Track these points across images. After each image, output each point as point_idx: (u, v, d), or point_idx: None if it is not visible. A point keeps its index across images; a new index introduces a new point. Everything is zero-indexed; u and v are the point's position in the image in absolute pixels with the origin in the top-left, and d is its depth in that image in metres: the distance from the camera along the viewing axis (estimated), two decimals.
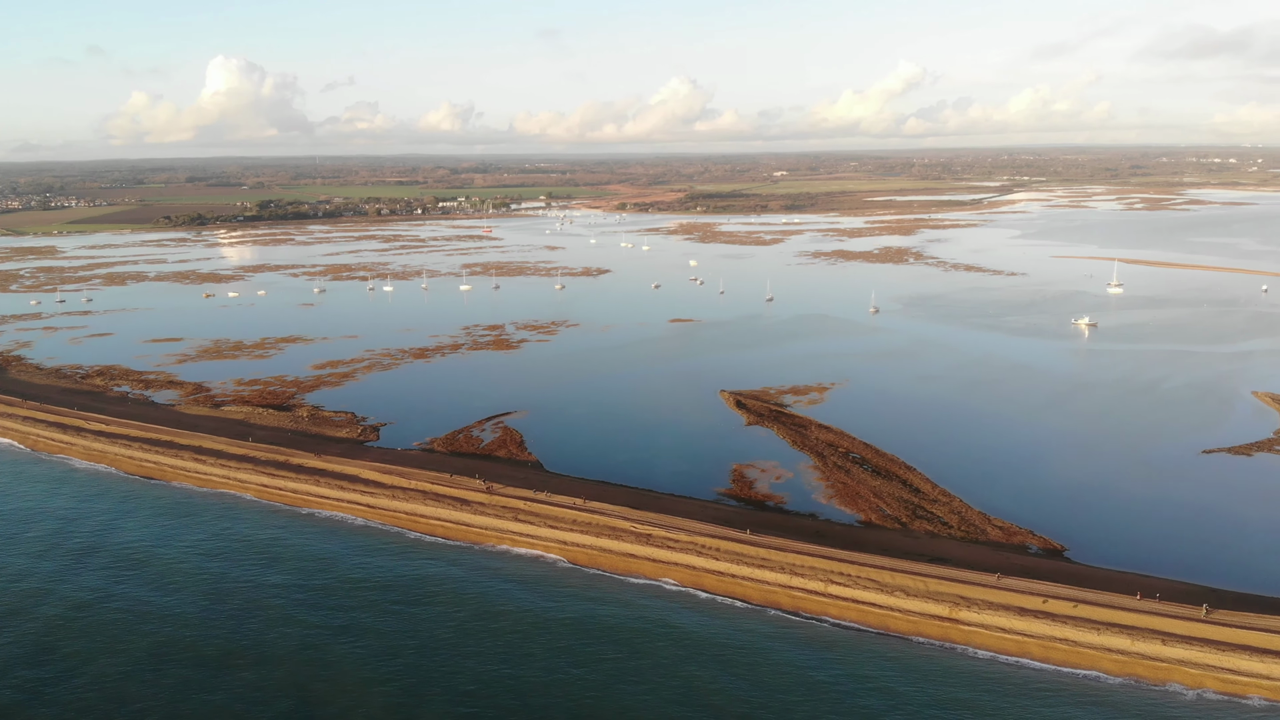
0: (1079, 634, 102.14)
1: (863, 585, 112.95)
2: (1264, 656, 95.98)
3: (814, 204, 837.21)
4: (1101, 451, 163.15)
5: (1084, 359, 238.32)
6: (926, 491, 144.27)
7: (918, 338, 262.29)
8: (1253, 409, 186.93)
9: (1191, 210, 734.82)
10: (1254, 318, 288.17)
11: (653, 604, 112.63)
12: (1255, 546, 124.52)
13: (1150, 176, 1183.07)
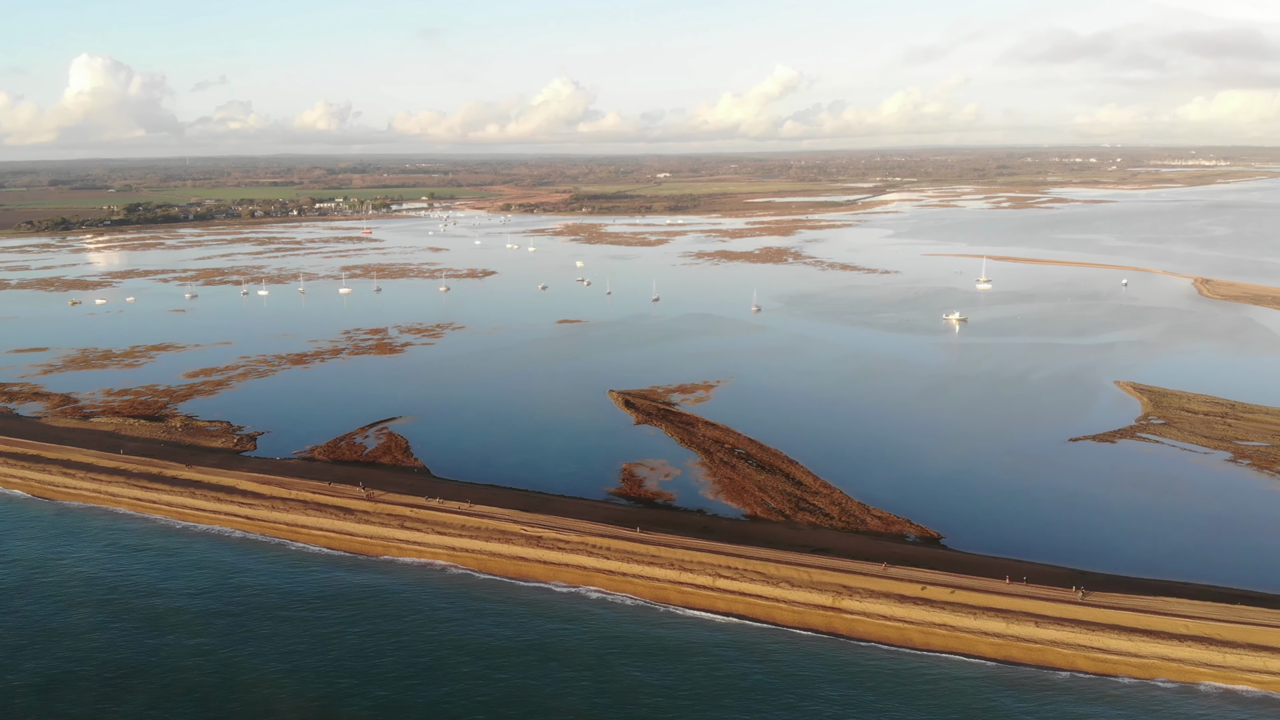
0: (957, 619, 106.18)
1: (749, 578, 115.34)
2: (1132, 635, 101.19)
3: (697, 205, 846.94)
4: (973, 441, 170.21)
5: (955, 353, 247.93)
6: (809, 484, 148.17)
7: (798, 335, 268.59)
8: (1115, 398, 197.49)
9: (1055, 208, 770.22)
10: (1115, 311, 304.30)
11: (542, 606, 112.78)
12: (1120, 530, 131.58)
13: (1016, 176, 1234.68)
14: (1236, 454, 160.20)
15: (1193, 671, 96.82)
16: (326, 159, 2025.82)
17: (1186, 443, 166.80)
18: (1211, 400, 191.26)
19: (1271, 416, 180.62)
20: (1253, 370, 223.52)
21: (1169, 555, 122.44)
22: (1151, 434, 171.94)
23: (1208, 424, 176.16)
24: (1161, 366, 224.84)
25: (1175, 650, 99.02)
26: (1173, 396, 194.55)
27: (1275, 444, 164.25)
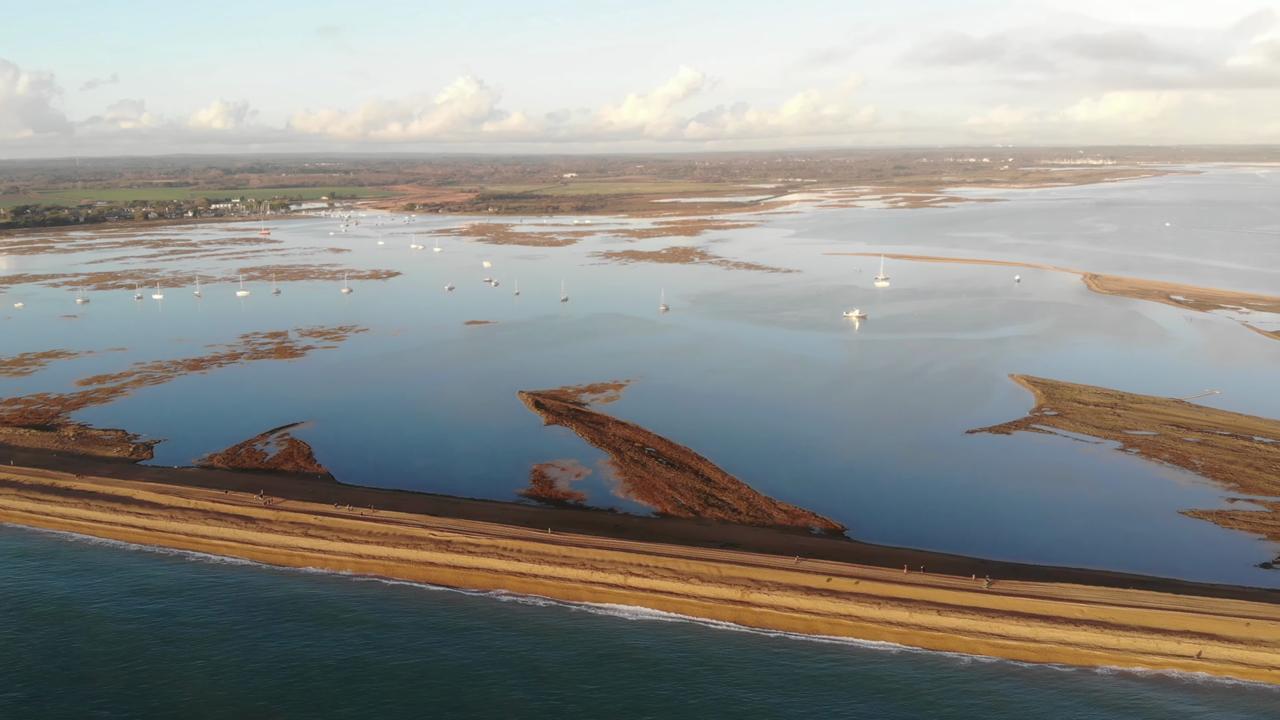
0: (862, 609, 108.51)
1: (660, 575, 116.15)
2: (1030, 621, 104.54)
3: (604, 205, 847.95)
4: (875, 434, 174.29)
5: (856, 349, 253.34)
6: (717, 480, 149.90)
7: (705, 334, 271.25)
8: (1010, 391, 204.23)
9: (950, 208, 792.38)
10: (1008, 306, 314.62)
11: (453, 610, 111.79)
12: (1017, 518, 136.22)
13: (912, 176, 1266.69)
14: (1126, 443, 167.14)
15: (1088, 655, 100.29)
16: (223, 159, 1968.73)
17: (1078, 433, 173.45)
18: (1101, 391, 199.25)
19: (1158, 406, 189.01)
20: (1140, 362, 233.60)
21: (1064, 542, 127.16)
22: (1045, 425, 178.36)
23: (1098, 414, 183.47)
24: (1053, 359, 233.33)
25: (1071, 634, 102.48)
26: (1064, 388, 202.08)
27: (1162, 433, 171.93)
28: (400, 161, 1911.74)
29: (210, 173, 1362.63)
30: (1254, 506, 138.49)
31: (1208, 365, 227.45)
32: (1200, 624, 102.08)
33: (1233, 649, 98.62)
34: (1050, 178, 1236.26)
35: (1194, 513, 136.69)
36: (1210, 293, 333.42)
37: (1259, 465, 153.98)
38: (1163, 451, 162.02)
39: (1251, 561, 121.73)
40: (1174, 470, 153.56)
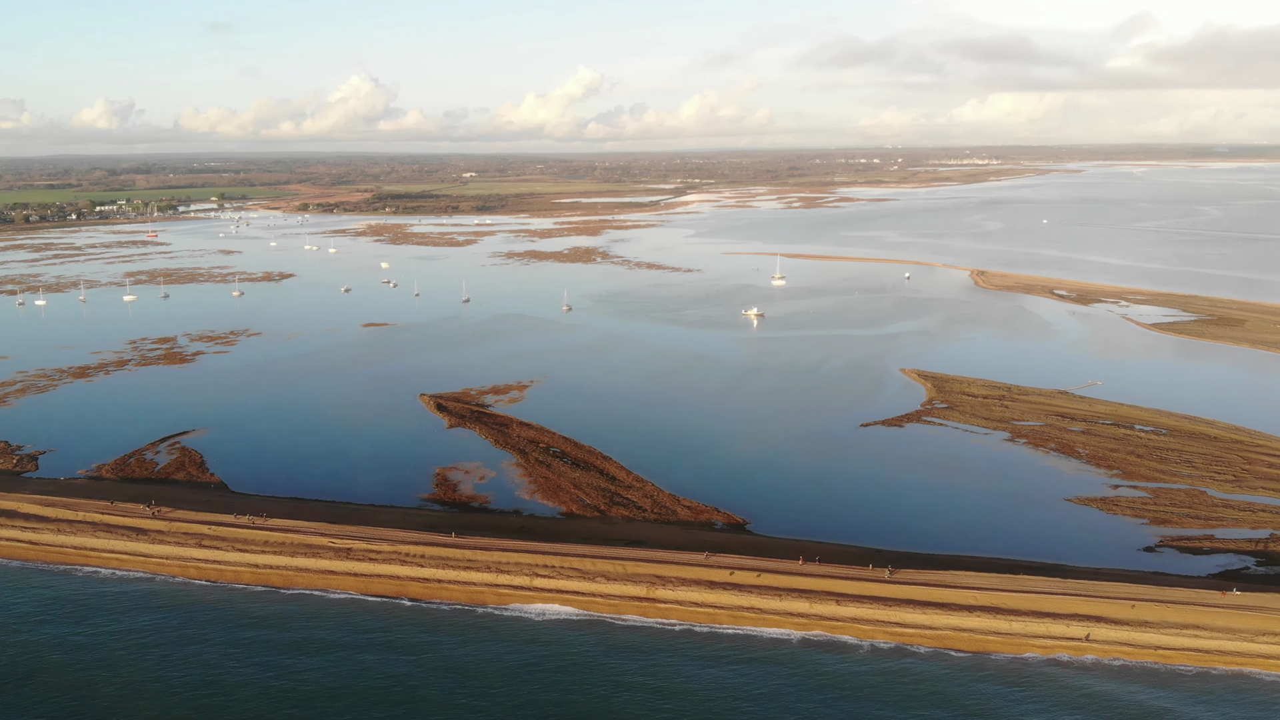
0: (764, 601, 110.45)
1: (566, 575, 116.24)
2: (926, 609, 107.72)
3: (505, 205, 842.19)
4: (774, 429, 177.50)
5: (754, 346, 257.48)
6: (622, 479, 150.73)
7: (608, 333, 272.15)
8: (902, 384, 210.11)
9: (842, 207, 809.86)
10: (899, 302, 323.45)
11: (354, 617, 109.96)
12: (912, 508, 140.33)
13: (806, 177, 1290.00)
14: (1014, 433, 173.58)
15: (982, 640, 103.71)
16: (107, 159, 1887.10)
17: (968, 424, 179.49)
18: (989, 384, 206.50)
19: (1044, 397, 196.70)
20: (1026, 355, 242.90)
21: (957, 531, 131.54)
22: (936, 417, 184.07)
23: (986, 406, 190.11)
24: (943, 354, 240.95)
25: (966, 621, 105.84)
26: (954, 381, 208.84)
27: (1048, 423, 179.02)
28: (293, 161, 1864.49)
29: (95, 174, 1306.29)
30: (1136, 493, 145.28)
31: (1090, 357, 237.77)
32: (1088, 607, 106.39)
33: (1119, 630, 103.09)
34: (938, 178, 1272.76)
35: (1079, 500, 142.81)
36: (1091, 287, 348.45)
37: (1140, 453, 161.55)
38: (1049, 441, 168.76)
39: (1135, 546, 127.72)
40: (1060, 459, 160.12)
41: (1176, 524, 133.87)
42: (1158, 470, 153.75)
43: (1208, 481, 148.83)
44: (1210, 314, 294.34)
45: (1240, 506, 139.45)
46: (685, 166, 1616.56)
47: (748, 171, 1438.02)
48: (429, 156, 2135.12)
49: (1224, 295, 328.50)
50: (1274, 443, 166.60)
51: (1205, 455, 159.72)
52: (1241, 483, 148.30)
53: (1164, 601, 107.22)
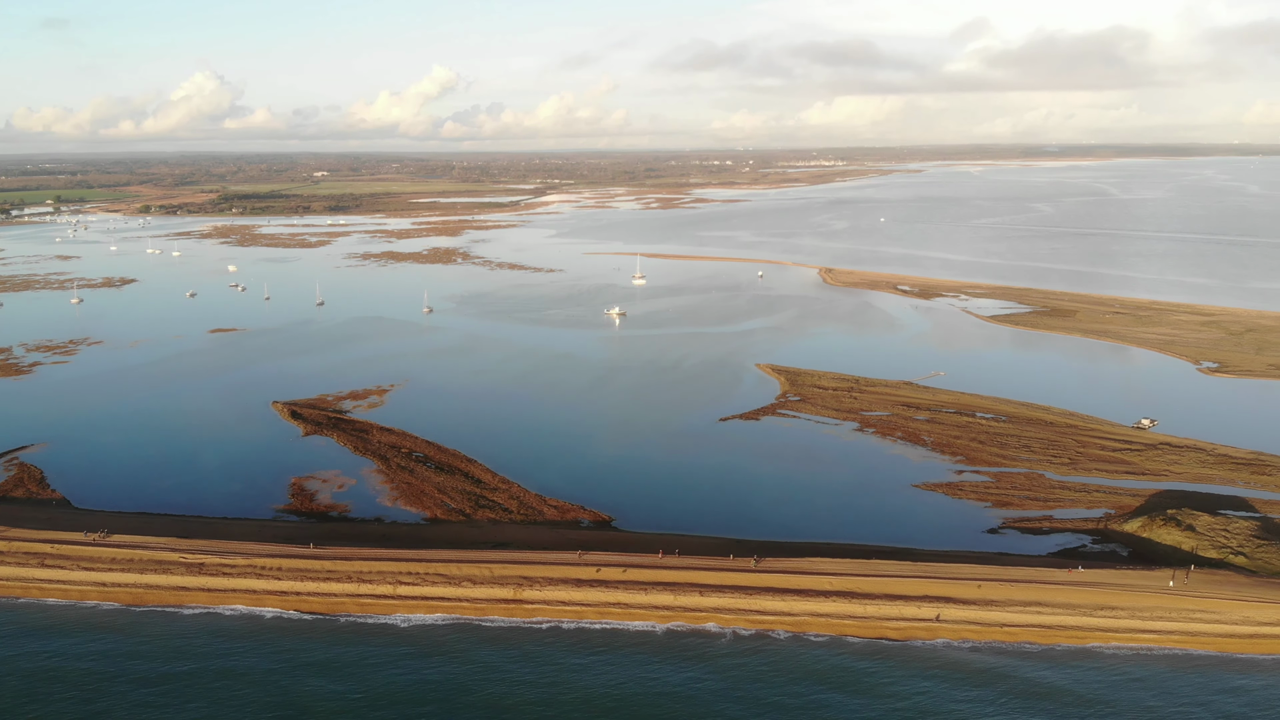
0: (630, 596, 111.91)
1: (431, 581, 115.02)
2: (785, 596, 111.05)
3: (359, 205, 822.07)
4: (637, 426, 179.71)
5: (617, 345, 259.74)
6: (487, 481, 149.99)
7: (470, 334, 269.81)
8: (757, 379, 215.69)
9: (698, 208, 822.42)
10: (754, 300, 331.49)
11: (210, 632, 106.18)
12: (770, 499, 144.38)
13: (663, 178, 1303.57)
14: (862, 424, 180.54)
15: (839, 624, 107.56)
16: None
17: (820, 416, 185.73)
18: (839, 377, 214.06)
19: (890, 388, 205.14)
20: (872, 348, 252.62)
21: (812, 519, 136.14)
22: (790, 410, 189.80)
23: (837, 398, 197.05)
24: (796, 349, 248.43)
25: (823, 606, 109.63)
26: (806, 375, 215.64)
27: (895, 413, 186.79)
28: (134, 161, 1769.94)
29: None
30: (979, 477, 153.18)
31: (932, 349, 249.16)
32: (938, 589, 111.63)
33: (968, 610, 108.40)
34: (788, 179, 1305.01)
35: (926, 485, 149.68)
36: (933, 282, 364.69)
37: (981, 439, 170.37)
38: (896, 430, 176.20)
39: (980, 528, 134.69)
40: (907, 447, 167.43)
41: (1018, 506, 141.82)
42: (998, 455, 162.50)
43: (1045, 465, 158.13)
44: (1044, 305, 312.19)
45: (1076, 488, 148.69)
46: (545, 167, 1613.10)
47: (606, 172, 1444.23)
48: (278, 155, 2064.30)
49: (1056, 287, 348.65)
50: (1106, 426, 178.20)
51: (1042, 440, 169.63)
52: (1076, 465, 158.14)
53: (1008, 581, 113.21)
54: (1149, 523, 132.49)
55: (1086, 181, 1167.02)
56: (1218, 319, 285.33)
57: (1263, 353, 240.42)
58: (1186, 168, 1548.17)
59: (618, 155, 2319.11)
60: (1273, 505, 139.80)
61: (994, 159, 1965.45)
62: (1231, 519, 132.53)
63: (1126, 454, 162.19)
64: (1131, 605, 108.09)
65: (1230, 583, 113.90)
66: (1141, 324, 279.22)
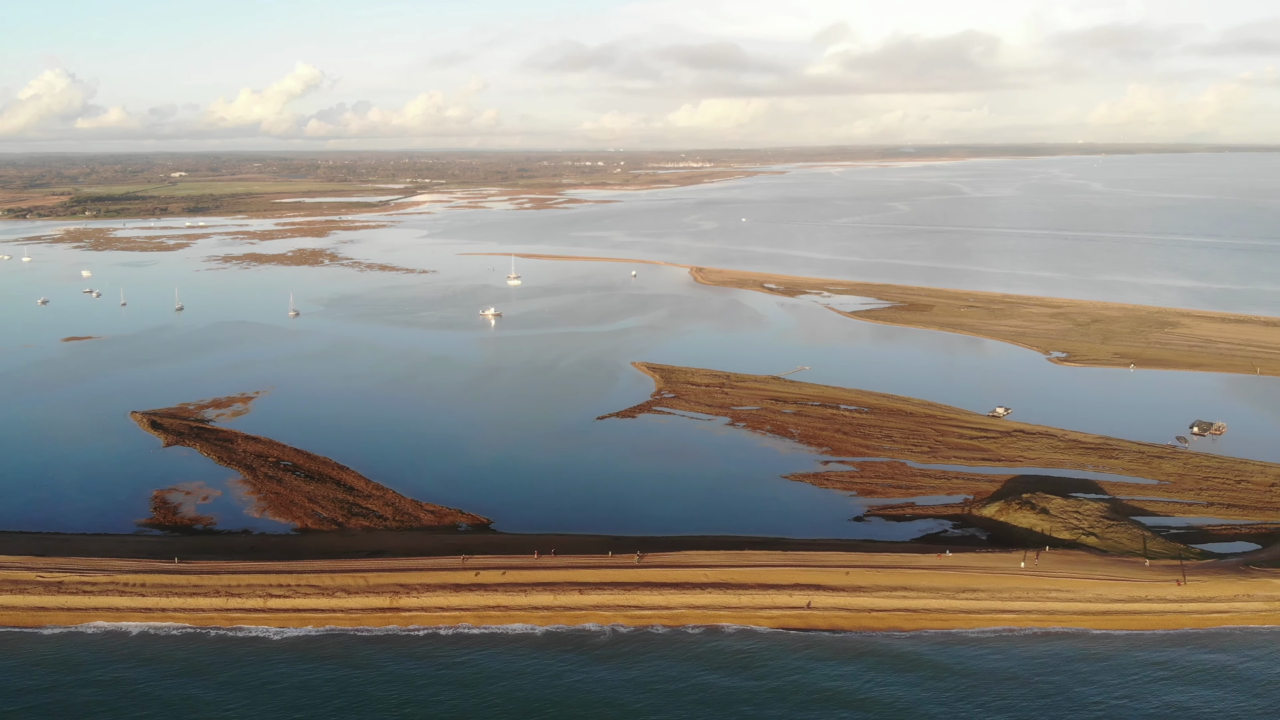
0: (509, 599, 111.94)
1: (304, 593, 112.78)
2: (662, 590, 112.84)
3: (220, 206, 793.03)
4: (515, 428, 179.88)
5: (493, 346, 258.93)
6: (361, 489, 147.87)
7: (340, 338, 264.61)
8: (633, 377, 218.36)
9: (571, 208, 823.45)
10: (628, 299, 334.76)
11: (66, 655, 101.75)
12: (646, 495, 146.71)
13: (535, 179, 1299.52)
14: (734, 418, 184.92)
15: (715, 615, 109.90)
16: None
17: (694, 412, 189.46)
18: (711, 373, 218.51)
19: (759, 383, 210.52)
20: (742, 344, 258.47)
21: (688, 513, 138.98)
22: (665, 407, 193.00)
23: (709, 394, 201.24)
24: (669, 346, 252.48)
25: (699, 598, 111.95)
26: (680, 372, 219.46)
27: (764, 407, 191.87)
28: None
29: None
30: (844, 467, 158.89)
31: (798, 344, 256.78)
32: (808, 576, 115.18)
33: (837, 596, 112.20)
34: (658, 180, 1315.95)
35: (795, 476, 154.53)
36: (798, 280, 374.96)
37: (845, 430, 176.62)
38: (765, 424, 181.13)
39: (846, 516, 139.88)
40: (776, 439, 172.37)
41: (882, 494, 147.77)
42: (862, 445, 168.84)
43: (906, 453, 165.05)
44: (902, 301, 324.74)
45: (936, 475, 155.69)
46: (414, 166, 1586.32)
47: (478, 172, 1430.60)
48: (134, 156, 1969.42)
49: (914, 283, 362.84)
50: (963, 415, 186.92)
51: (903, 430, 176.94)
52: (936, 453, 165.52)
53: (875, 566, 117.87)
54: (1006, 507, 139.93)
55: (941, 181, 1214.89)
56: (1066, 311, 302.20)
57: (1108, 342, 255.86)
58: (1034, 167, 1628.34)
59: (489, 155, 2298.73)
60: (1120, 487, 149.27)
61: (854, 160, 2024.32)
62: (1082, 501, 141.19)
63: (983, 441, 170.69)
64: (992, 587, 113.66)
65: (1083, 562, 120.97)
66: (994, 317, 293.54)
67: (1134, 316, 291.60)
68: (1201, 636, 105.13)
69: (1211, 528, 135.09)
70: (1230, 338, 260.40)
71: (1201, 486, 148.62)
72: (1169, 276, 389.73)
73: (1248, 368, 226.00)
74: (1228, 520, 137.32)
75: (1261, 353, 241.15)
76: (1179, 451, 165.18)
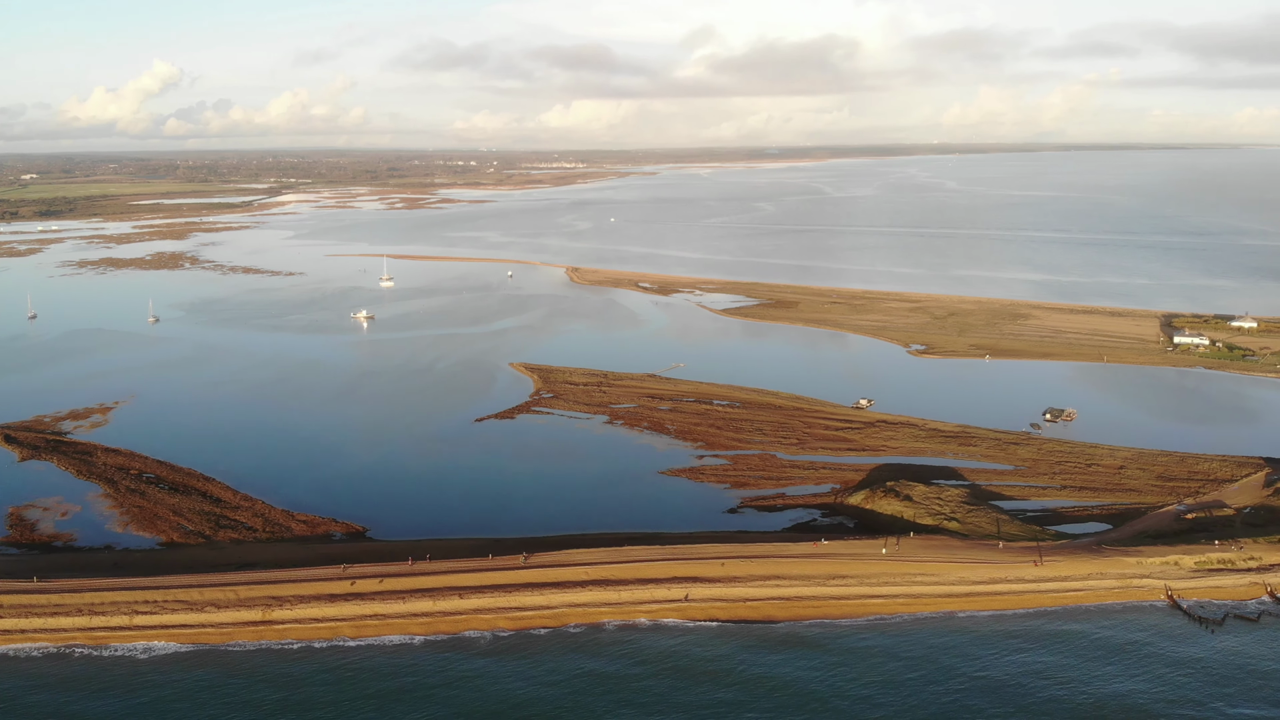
0: (387, 607, 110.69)
1: (171, 609, 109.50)
2: (543, 590, 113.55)
3: (74, 209, 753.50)
4: (391, 432, 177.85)
5: (366, 349, 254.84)
6: (229, 500, 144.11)
7: (204, 344, 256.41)
8: (512, 378, 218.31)
9: (444, 208, 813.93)
10: (505, 300, 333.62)
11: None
12: (526, 495, 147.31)
13: (406, 178, 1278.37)
14: (612, 416, 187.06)
15: (596, 612, 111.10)
16: None
17: (572, 411, 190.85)
18: (589, 372, 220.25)
19: (636, 381, 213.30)
20: (618, 343, 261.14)
21: (568, 512, 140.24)
22: (544, 407, 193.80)
23: (587, 393, 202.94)
24: (547, 346, 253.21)
25: (580, 596, 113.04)
26: (558, 372, 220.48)
27: (641, 404, 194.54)
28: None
29: None
30: (718, 461, 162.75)
31: (673, 341, 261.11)
32: (685, 569, 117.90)
33: (713, 588, 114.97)
34: (532, 180, 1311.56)
35: (671, 471, 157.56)
36: (671, 279, 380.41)
37: (719, 425, 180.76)
38: (642, 421, 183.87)
39: (721, 509, 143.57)
40: (652, 436, 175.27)
41: (754, 486, 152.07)
42: (735, 439, 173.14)
43: (777, 446, 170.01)
44: (770, 298, 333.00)
45: (805, 466, 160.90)
46: (279, 166, 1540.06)
47: (346, 171, 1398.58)
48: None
49: (781, 281, 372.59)
50: (829, 407, 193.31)
51: (773, 423, 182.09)
52: (804, 445, 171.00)
53: (749, 557, 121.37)
54: (871, 495, 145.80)
55: (804, 181, 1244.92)
56: (924, 305, 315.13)
57: (964, 334, 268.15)
58: (892, 166, 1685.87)
59: (358, 154, 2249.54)
60: (979, 473, 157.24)
61: (721, 161, 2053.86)
62: (944, 488, 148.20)
63: (848, 432, 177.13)
64: (860, 573, 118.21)
65: (946, 546, 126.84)
66: (857, 312, 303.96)
67: (988, 309, 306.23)
68: (1058, 613, 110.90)
69: (1065, 510, 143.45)
70: (1078, 328, 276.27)
71: (1055, 471, 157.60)
72: (1020, 270, 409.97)
73: (1095, 356, 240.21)
74: (1080, 502, 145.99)
75: (1108, 342, 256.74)
76: (1033, 438, 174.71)
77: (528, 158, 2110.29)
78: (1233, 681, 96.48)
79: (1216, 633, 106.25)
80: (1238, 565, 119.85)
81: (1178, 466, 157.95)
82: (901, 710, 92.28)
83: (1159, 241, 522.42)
